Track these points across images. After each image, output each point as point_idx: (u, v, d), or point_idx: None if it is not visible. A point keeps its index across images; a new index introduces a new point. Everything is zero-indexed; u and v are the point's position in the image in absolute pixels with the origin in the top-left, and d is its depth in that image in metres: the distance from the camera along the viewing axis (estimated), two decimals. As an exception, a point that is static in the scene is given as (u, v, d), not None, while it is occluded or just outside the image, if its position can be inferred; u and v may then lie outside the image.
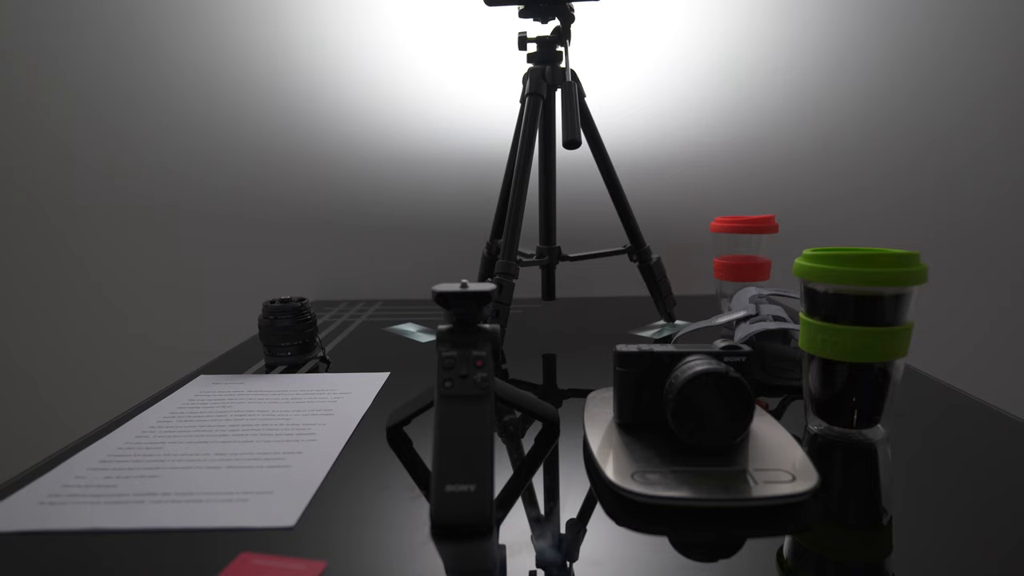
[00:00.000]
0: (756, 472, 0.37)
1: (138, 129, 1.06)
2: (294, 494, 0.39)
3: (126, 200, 1.08)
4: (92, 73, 1.04)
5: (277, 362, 0.68)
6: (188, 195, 1.08)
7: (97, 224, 1.09)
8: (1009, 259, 1.07)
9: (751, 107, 1.04)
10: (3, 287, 1.11)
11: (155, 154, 1.07)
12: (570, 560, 0.32)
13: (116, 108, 1.05)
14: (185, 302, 1.12)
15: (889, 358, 0.43)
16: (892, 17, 1.01)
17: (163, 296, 1.11)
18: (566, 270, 1.10)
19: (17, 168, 1.07)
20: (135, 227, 1.09)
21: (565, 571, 0.31)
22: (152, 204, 1.09)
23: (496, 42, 1.02)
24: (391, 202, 1.08)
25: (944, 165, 1.05)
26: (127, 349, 1.13)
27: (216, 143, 1.07)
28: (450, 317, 0.39)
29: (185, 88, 1.05)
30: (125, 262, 1.10)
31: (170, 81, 1.05)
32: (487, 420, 0.35)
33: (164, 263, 1.10)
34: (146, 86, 1.05)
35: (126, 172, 1.08)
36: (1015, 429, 0.48)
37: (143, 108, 1.06)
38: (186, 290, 1.11)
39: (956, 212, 1.06)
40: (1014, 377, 1.10)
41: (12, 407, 1.15)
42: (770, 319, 0.61)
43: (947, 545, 0.33)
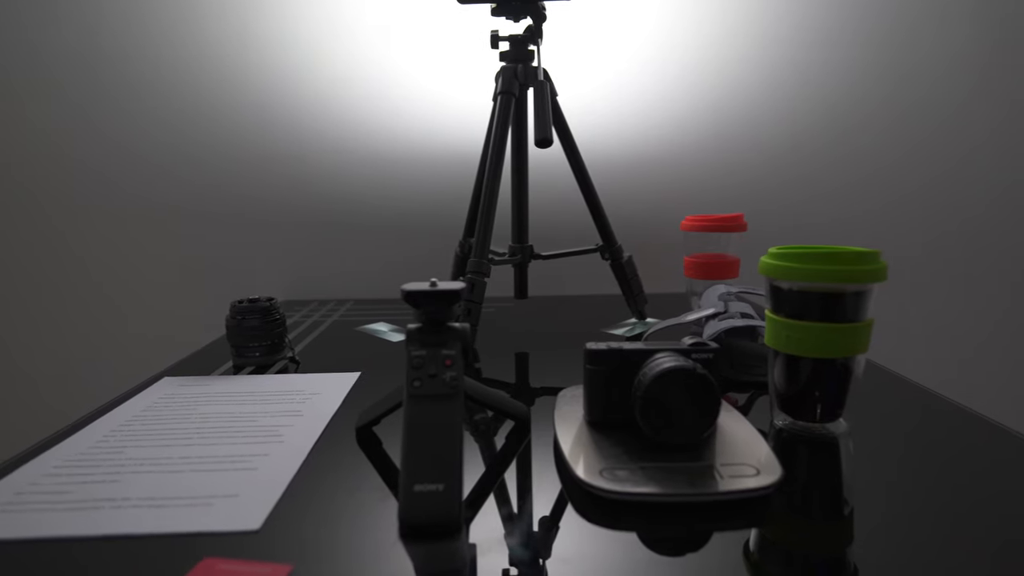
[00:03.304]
0: (722, 467, 0.38)
1: (105, 125, 1.03)
2: (260, 497, 0.38)
3: (89, 198, 1.05)
4: (61, 69, 1.01)
5: (245, 363, 0.67)
6: (154, 193, 1.06)
7: (56, 220, 1.06)
8: (971, 258, 1.10)
9: (722, 107, 1.05)
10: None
11: (121, 150, 1.04)
12: (540, 558, 0.32)
13: (85, 104, 1.02)
14: (150, 302, 1.09)
15: (851, 353, 0.44)
16: (865, 18, 1.03)
17: (128, 295, 1.09)
18: (538, 268, 1.10)
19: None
20: (96, 224, 1.06)
21: (535, 569, 0.31)
22: (117, 201, 1.06)
23: (469, 40, 1.02)
24: (363, 200, 1.07)
25: (910, 167, 1.08)
26: (90, 350, 1.10)
27: (185, 139, 1.04)
28: (419, 316, 0.39)
29: (153, 85, 1.02)
30: (89, 261, 1.07)
31: (139, 77, 1.02)
32: (456, 419, 0.35)
33: (130, 262, 1.08)
34: (115, 82, 1.02)
35: (92, 169, 1.05)
36: (971, 422, 0.49)
37: (111, 104, 1.03)
38: (151, 290, 1.09)
39: (921, 212, 1.09)
40: (969, 372, 1.13)
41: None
42: (738, 316, 0.62)
43: (906, 535, 0.34)
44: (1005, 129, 1.07)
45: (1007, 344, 1.13)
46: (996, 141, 1.07)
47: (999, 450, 0.44)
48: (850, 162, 1.08)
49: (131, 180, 1.05)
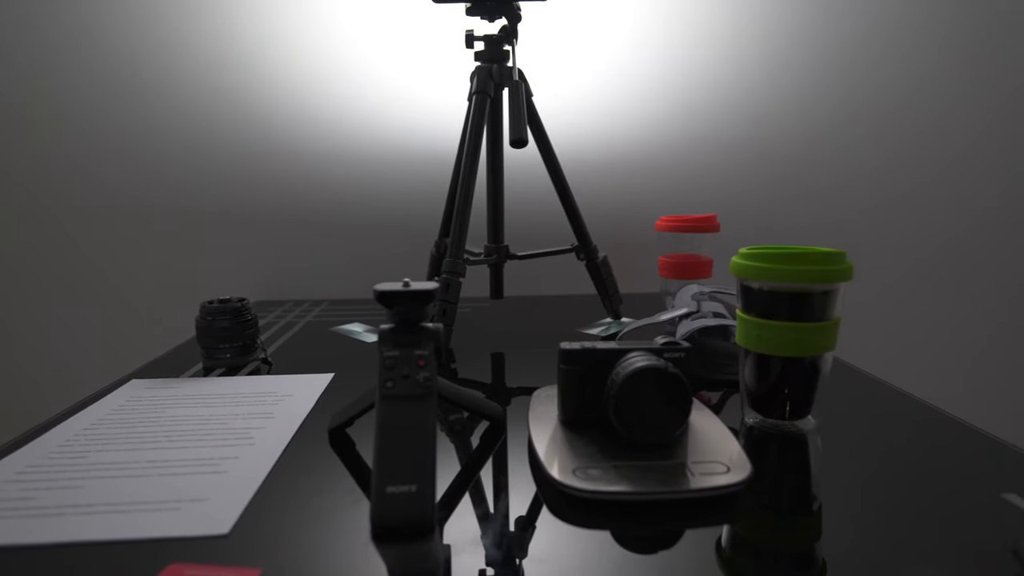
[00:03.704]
0: (693, 465, 0.38)
1: (74, 123, 1.01)
2: (229, 501, 0.37)
3: (55, 197, 1.03)
4: (30, 67, 0.98)
5: (216, 365, 0.66)
6: (123, 191, 1.03)
7: (20, 219, 1.03)
8: (936, 259, 1.13)
9: (696, 109, 1.07)
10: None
11: (90, 148, 1.02)
12: (514, 557, 0.32)
13: (53, 102, 1.00)
14: (118, 302, 1.06)
15: (819, 352, 0.45)
16: (840, 22, 1.05)
17: (95, 296, 1.06)
18: (514, 269, 1.10)
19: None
20: (62, 223, 1.04)
21: (510, 569, 0.31)
22: (84, 199, 1.03)
23: (445, 40, 1.02)
24: (339, 200, 1.06)
25: (875, 168, 1.10)
26: (55, 352, 1.07)
27: (157, 137, 1.02)
28: (392, 317, 0.39)
29: (125, 82, 1.00)
30: (53, 260, 1.04)
31: (110, 75, 1.00)
32: (429, 420, 0.35)
33: (97, 261, 1.05)
34: (85, 80, 0.99)
35: (59, 168, 1.02)
36: (934, 417, 0.51)
37: (81, 102, 1.00)
38: (119, 290, 1.06)
39: (888, 215, 1.12)
40: (932, 369, 1.17)
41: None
42: (710, 316, 0.63)
43: (872, 529, 0.35)
44: (976, 135, 1.10)
45: (968, 342, 1.16)
46: (967, 145, 1.10)
47: (960, 444, 0.45)
48: (821, 165, 1.10)
49: (99, 178, 1.03)
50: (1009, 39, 1.07)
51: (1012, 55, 1.07)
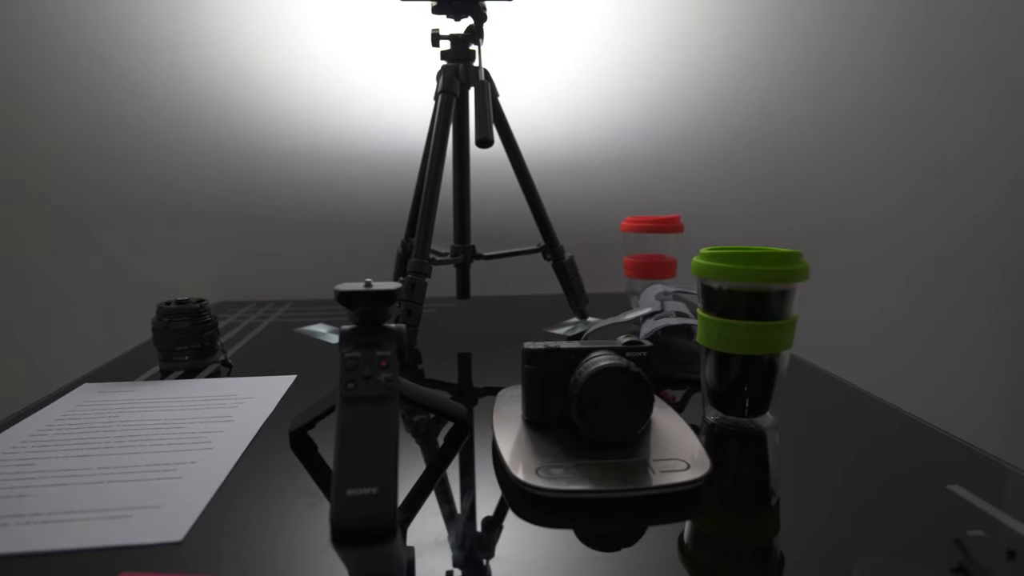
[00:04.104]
0: (655, 462, 0.39)
1: (23, 123, 0.97)
2: (183, 507, 0.36)
3: (5, 195, 0.99)
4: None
5: (173, 367, 0.64)
6: (77, 189, 1.00)
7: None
8: (888, 259, 1.17)
9: (661, 111, 1.08)
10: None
11: (41, 147, 0.98)
12: (479, 558, 0.32)
13: (8, 98, 0.96)
14: (70, 304, 1.03)
15: (776, 350, 0.46)
16: (806, 23, 1.07)
17: (45, 296, 1.02)
18: (481, 269, 1.10)
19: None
20: (12, 222, 0.99)
21: (474, 569, 0.31)
22: (37, 199, 0.99)
23: (411, 38, 1.01)
24: (304, 199, 1.04)
25: (836, 171, 1.14)
26: (0, 355, 1.03)
27: (111, 133, 0.99)
28: (354, 317, 0.38)
29: (78, 79, 0.97)
30: (0, 259, 1.00)
31: (65, 72, 0.96)
32: (391, 421, 0.35)
33: (48, 261, 1.01)
34: (36, 77, 0.96)
35: (9, 167, 0.98)
36: (885, 412, 0.52)
37: (28, 102, 0.96)
38: (71, 291, 1.02)
39: (844, 214, 1.15)
40: (888, 366, 1.21)
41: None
42: (673, 315, 0.64)
43: (827, 521, 0.36)
44: (940, 139, 1.14)
45: (919, 340, 1.20)
46: (929, 150, 1.14)
47: (910, 438, 0.47)
48: (784, 167, 1.12)
49: (48, 176, 0.99)
50: (976, 44, 1.11)
51: (981, 60, 1.11)
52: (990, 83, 1.13)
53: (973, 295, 1.19)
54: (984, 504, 0.37)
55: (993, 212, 1.17)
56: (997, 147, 1.15)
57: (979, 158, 1.15)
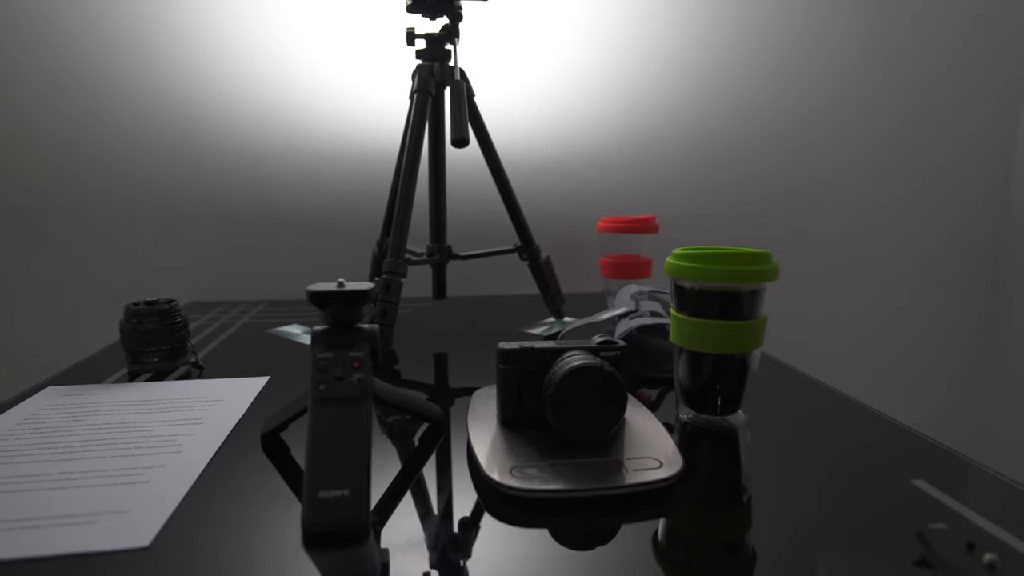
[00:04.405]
0: (628, 461, 0.39)
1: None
2: (151, 511, 0.36)
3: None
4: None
5: (142, 369, 0.63)
6: (48, 188, 0.97)
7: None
8: (860, 260, 1.20)
9: (637, 112, 1.09)
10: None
11: (13, 145, 0.95)
12: (454, 559, 0.32)
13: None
14: (36, 304, 1.00)
15: (748, 348, 0.46)
16: (783, 26, 1.09)
17: (10, 297, 0.99)
18: (457, 269, 1.10)
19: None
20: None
21: (450, 570, 0.31)
22: (5, 197, 0.97)
23: (387, 36, 1.00)
24: (279, 198, 1.03)
25: (809, 173, 1.16)
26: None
27: (80, 131, 0.97)
28: (326, 318, 0.38)
29: (50, 77, 0.94)
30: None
31: (35, 69, 0.93)
32: (363, 422, 0.34)
33: (14, 260, 0.98)
34: (5, 70, 0.93)
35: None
36: (853, 409, 0.54)
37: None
38: (39, 291, 1.00)
39: (816, 216, 1.17)
40: (857, 364, 1.23)
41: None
42: (648, 315, 0.64)
43: (796, 516, 0.36)
44: (913, 139, 1.16)
45: (889, 339, 1.23)
46: (897, 152, 1.17)
47: (876, 434, 0.48)
48: (757, 168, 1.14)
49: (16, 174, 0.96)
50: (952, 51, 1.14)
51: (958, 67, 1.14)
52: (970, 89, 1.16)
53: (941, 297, 1.23)
54: (946, 498, 0.38)
55: (967, 215, 1.20)
56: (974, 151, 1.18)
57: (953, 162, 1.18)
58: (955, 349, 1.25)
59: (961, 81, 1.15)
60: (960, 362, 1.26)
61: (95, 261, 1.01)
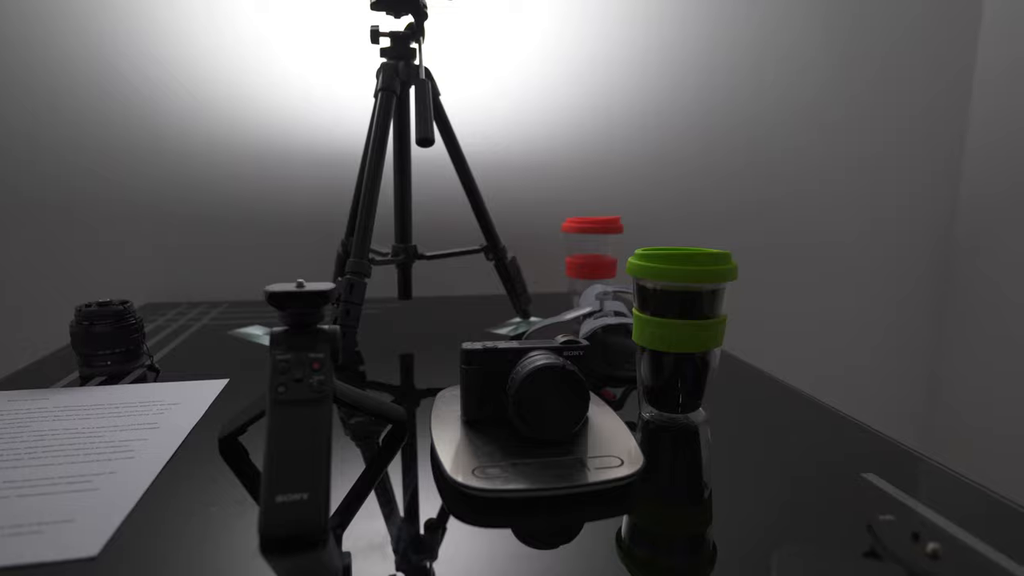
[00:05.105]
0: (590, 459, 0.40)
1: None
2: (100, 520, 0.34)
3: None
4: None
5: (93, 373, 0.61)
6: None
7: None
8: (816, 259, 1.23)
9: (602, 114, 1.10)
10: None
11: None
12: (416, 561, 0.32)
13: None
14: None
15: (707, 348, 0.47)
16: (743, 29, 1.11)
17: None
18: (423, 269, 1.09)
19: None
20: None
21: (411, 573, 0.31)
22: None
23: (350, 33, 0.99)
24: (241, 197, 1.01)
25: (769, 177, 1.18)
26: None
27: (31, 123, 0.93)
28: (285, 319, 0.37)
29: (6, 73, 0.90)
30: None
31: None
32: (323, 424, 0.34)
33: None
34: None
35: None
36: (809, 406, 0.55)
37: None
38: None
39: (773, 218, 1.20)
40: (813, 362, 1.27)
41: None
42: (612, 314, 0.65)
43: (754, 511, 0.37)
44: (862, 142, 1.20)
45: (844, 337, 1.27)
46: (855, 154, 1.20)
47: (830, 429, 0.49)
48: (719, 170, 1.16)
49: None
50: (898, 53, 1.18)
51: (905, 66, 1.18)
52: (916, 90, 1.20)
53: (893, 299, 1.27)
54: (895, 491, 0.40)
55: (917, 215, 1.25)
56: (920, 152, 1.23)
57: (901, 161, 1.22)
58: (905, 349, 1.30)
59: (910, 81, 1.20)
60: (911, 362, 1.30)
61: (45, 260, 0.97)
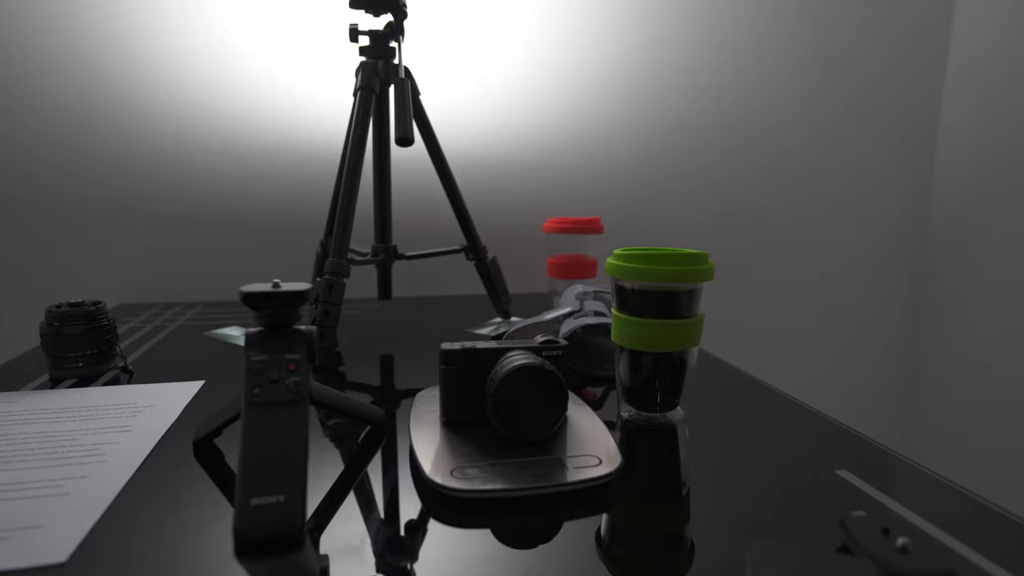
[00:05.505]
0: (569, 459, 0.40)
1: None
2: (70, 525, 0.34)
3: None
4: None
5: (64, 376, 0.59)
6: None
7: None
8: (794, 260, 1.25)
9: (583, 115, 1.10)
10: None
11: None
12: (394, 563, 0.32)
13: None
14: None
15: (685, 347, 0.47)
16: (724, 32, 1.12)
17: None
18: (403, 269, 1.09)
19: None
20: None
21: (391, 573, 0.31)
22: None
23: (329, 31, 0.98)
24: (218, 196, 0.99)
25: (746, 177, 1.20)
26: None
27: (4, 120, 0.91)
28: (261, 319, 0.37)
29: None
30: None
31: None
32: (299, 426, 0.34)
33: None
34: None
35: None
36: (783, 403, 0.56)
37: None
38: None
39: (753, 219, 1.22)
40: (791, 361, 1.29)
41: None
42: (591, 314, 0.65)
43: (731, 508, 0.37)
44: (840, 143, 1.22)
45: (821, 337, 1.29)
46: (832, 157, 1.22)
47: (805, 427, 0.50)
48: (698, 170, 1.17)
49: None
50: (881, 56, 1.20)
51: (888, 68, 1.20)
52: (895, 104, 1.22)
53: (869, 301, 1.29)
54: (867, 487, 0.40)
55: (896, 216, 1.27)
56: (900, 154, 1.25)
57: (880, 172, 1.25)
58: (880, 349, 1.32)
59: (886, 95, 1.22)
60: (886, 361, 1.33)
61: (16, 259, 0.95)
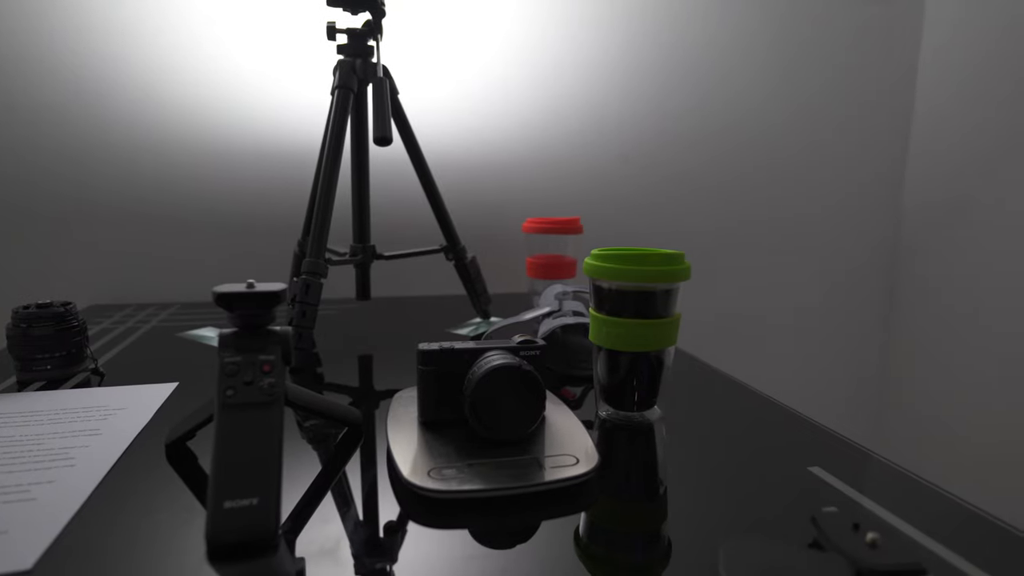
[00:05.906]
0: (547, 459, 0.40)
1: None
2: (35, 531, 0.33)
3: None
4: None
5: (32, 378, 0.58)
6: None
7: None
8: (768, 262, 1.27)
9: (563, 115, 1.11)
10: None
11: None
12: (371, 565, 0.32)
13: None
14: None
15: (662, 346, 0.48)
16: (698, 35, 1.13)
17: None
18: (381, 269, 1.08)
19: None
20: None
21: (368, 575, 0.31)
22: None
23: (307, 29, 0.97)
24: (193, 195, 0.98)
25: (724, 177, 1.21)
26: None
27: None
28: (234, 320, 0.36)
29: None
30: None
31: None
32: (274, 428, 0.33)
33: None
34: None
35: None
36: (758, 401, 0.57)
37: None
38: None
39: (730, 218, 1.23)
40: (765, 360, 1.30)
41: None
42: (570, 314, 0.65)
43: (707, 505, 0.38)
44: (814, 141, 1.24)
45: (797, 336, 1.31)
46: (806, 153, 1.24)
47: (779, 424, 0.51)
48: (676, 171, 1.18)
49: None
50: (854, 48, 1.22)
51: (865, 65, 1.22)
52: (868, 101, 1.24)
53: (844, 300, 1.32)
54: (839, 483, 0.41)
55: (870, 214, 1.29)
56: (875, 151, 1.27)
57: (851, 163, 1.27)
58: (854, 348, 1.34)
59: (862, 80, 1.24)
60: (860, 360, 1.35)
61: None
